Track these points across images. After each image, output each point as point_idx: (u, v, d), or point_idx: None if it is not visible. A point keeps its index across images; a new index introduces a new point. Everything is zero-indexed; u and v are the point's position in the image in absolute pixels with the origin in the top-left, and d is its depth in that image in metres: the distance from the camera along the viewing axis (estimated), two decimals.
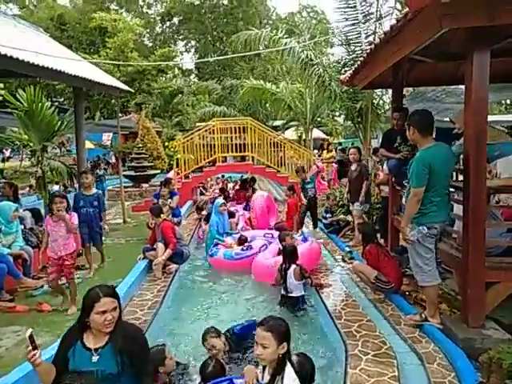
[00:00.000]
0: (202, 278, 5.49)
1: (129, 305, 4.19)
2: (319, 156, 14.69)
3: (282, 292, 4.34)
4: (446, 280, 4.44)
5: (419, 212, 3.26)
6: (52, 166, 7.54)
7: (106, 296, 2.07)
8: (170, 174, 10.92)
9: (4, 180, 8.50)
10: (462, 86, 3.51)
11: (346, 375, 2.74)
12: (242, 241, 6.14)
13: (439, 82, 6.12)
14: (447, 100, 8.55)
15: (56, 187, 11.23)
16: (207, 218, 7.21)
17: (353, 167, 6.66)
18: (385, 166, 6.12)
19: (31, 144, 7.80)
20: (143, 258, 5.43)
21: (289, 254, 4.42)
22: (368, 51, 4.45)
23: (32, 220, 6.01)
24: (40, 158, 7.72)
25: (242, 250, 5.79)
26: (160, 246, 5.33)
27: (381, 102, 9.20)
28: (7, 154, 18.00)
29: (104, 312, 2.03)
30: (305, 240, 5.50)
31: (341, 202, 7.81)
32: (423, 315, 3.51)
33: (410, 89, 8.96)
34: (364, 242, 4.66)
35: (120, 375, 2.06)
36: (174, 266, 5.33)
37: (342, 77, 6.42)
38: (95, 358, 2.06)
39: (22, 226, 5.37)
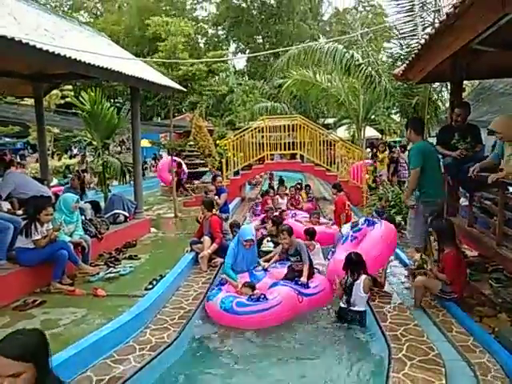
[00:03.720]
0: None
1: (175, 295, 4.36)
2: (375, 156, 14.15)
3: (342, 305, 3.93)
4: (508, 288, 4.10)
5: (419, 190, 4.50)
6: (109, 161, 8.08)
7: (1, 354, 1.44)
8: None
9: (74, 173, 9.24)
10: None
11: (388, 379, 2.62)
12: (250, 286, 4.32)
13: (506, 73, 5.63)
14: None
15: (116, 182, 12.00)
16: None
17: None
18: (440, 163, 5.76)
19: (94, 142, 8.44)
20: (190, 251, 5.61)
21: (355, 264, 3.91)
22: (424, 42, 4.21)
23: (92, 211, 6.45)
24: (101, 155, 8.31)
25: (250, 299, 3.93)
26: (207, 239, 5.48)
27: (439, 96, 8.64)
28: (75, 151, 19.51)
29: None
30: (372, 224, 4.74)
31: (393, 203, 7.49)
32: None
33: (474, 82, 8.30)
34: (441, 244, 4.05)
35: None
36: (219, 260, 5.44)
37: (395, 71, 6.14)
38: None
39: (83, 217, 5.79)
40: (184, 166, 12.70)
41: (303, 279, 4.37)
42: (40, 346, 1.56)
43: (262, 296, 3.94)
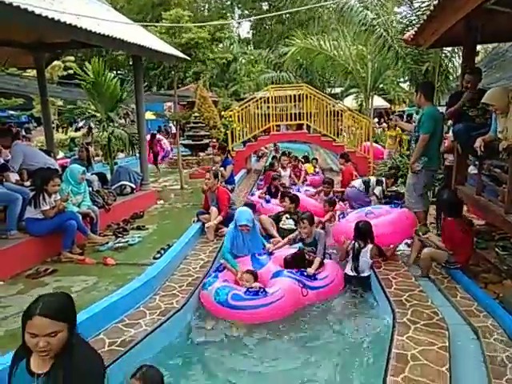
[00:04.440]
0: None
1: (182, 263, 4.43)
2: (378, 124, 13.92)
3: (350, 272, 3.98)
4: None
5: (425, 155, 4.52)
6: (115, 133, 8.03)
7: (41, 315, 1.49)
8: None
9: (81, 146, 9.24)
10: None
11: (392, 342, 2.68)
12: (252, 274, 3.89)
13: None
14: None
15: (122, 155, 12.00)
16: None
17: None
18: (450, 133, 5.65)
19: (98, 114, 8.37)
20: (197, 221, 5.66)
21: (364, 233, 4.01)
22: (437, 2, 4.01)
23: (98, 183, 6.49)
24: (106, 127, 8.25)
25: (247, 293, 3.53)
26: (214, 210, 5.51)
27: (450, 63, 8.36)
28: (80, 124, 19.42)
29: (35, 335, 1.50)
30: (394, 207, 4.87)
31: (400, 173, 7.42)
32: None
33: (488, 48, 8.00)
34: (444, 214, 4.12)
35: None
36: (225, 230, 5.46)
37: (405, 36, 5.92)
38: None
39: (90, 189, 5.84)
40: (166, 144, 12.64)
41: (310, 270, 3.95)
42: (71, 306, 1.65)
43: (262, 290, 3.53)
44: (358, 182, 6.48)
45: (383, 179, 6.53)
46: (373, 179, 6.47)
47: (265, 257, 4.31)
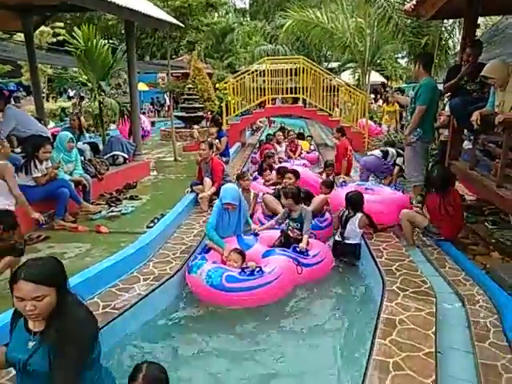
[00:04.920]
0: None
1: (176, 232, 4.45)
2: (375, 100, 13.82)
3: (337, 238, 4.08)
4: (503, 230, 4.19)
5: (420, 127, 4.61)
6: (106, 102, 7.86)
7: (25, 280, 1.51)
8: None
9: (73, 114, 9.02)
10: None
11: (381, 307, 2.75)
12: (240, 253, 3.65)
13: None
14: None
15: (113, 126, 11.78)
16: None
17: None
18: (446, 108, 5.63)
19: (89, 84, 8.15)
20: (191, 192, 5.65)
21: (354, 203, 4.03)
22: None
23: (91, 153, 6.41)
24: (97, 96, 8.06)
25: (243, 273, 3.27)
26: (207, 180, 5.49)
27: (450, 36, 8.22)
28: (71, 93, 18.95)
29: (21, 299, 1.53)
30: (395, 189, 4.87)
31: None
32: None
33: (488, 23, 7.87)
34: (435, 189, 3.99)
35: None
36: None
37: (406, 6, 5.78)
38: (31, 344, 1.61)
39: (82, 158, 5.76)
40: (146, 123, 12.37)
41: (302, 245, 3.80)
42: (59, 271, 1.65)
43: (258, 269, 3.29)
44: (376, 151, 6.47)
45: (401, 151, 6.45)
46: (392, 149, 6.37)
47: (251, 237, 4.06)
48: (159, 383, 1.80)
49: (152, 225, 4.51)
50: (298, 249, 3.75)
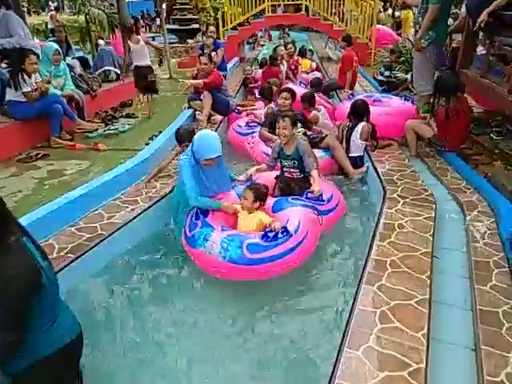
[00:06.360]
0: None
1: (174, 149, 4.37)
2: (384, 9, 12.69)
3: None
4: (509, 141, 4.10)
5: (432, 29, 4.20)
6: (92, 13, 7.25)
7: None
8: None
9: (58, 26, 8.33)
10: None
11: (381, 213, 2.80)
12: (261, 202, 2.81)
13: None
14: None
15: (102, 42, 11.03)
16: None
17: None
18: (463, 9, 5.15)
19: None
20: (188, 108, 5.45)
21: (358, 111, 3.87)
22: None
23: (81, 68, 6.06)
24: (81, 7, 7.40)
25: (265, 238, 2.48)
26: (207, 94, 5.20)
27: None
28: (52, 7, 17.46)
29: None
30: (404, 100, 4.68)
31: (402, 58, 7.00)
32: None
33: None
34: (438, 97, 3.82)
35: None
36: (218, 117, 5.34)
37: None
38: None
39: (73, 73, 5.45)
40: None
41: (317, 187, 3.02)
42: None
43: (283, 229, 2.53)
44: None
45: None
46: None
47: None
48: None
49: (150, 142, 4.43)
50: (309, 195, 3.02)
